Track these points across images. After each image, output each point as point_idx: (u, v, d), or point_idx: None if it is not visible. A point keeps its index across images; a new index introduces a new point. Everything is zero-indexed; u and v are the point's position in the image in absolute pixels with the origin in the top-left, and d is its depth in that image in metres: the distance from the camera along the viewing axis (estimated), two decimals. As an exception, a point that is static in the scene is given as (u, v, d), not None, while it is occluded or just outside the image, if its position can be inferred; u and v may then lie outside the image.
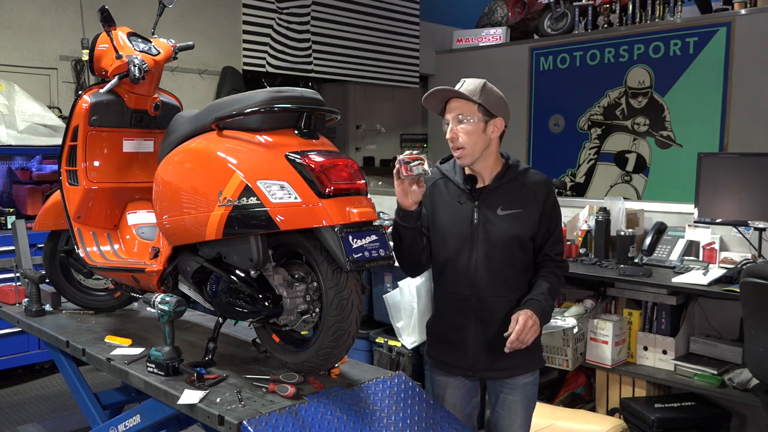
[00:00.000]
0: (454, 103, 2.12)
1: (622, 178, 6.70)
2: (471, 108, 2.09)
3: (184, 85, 5.93)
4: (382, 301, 3.71)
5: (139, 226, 2.59)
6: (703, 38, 5.99)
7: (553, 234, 2.19)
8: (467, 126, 2.10)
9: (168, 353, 2.08)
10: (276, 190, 1.79)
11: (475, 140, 2.10)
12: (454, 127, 2.11)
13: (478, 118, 2.10)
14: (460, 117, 2.10)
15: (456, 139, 2.11)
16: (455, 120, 2.11)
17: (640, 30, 6.35)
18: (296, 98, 1.92)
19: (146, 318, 2.82)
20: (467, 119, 2.09)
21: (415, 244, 2.15)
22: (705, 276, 3.11)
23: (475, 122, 2.10)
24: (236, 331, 2.54)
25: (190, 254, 2.15)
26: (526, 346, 2.05)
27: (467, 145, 2.10)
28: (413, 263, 2.23)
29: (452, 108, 2.12)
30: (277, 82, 6.44)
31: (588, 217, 3.76)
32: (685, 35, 6.09)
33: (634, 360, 3.37)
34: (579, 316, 3.37)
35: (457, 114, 2.10)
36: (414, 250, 2.17)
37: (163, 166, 2.18)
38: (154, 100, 2.56)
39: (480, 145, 2.11)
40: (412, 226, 2.10)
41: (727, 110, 5.90)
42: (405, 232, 2.12)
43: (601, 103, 6.74)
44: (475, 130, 2.10)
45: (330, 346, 1.89)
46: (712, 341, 3.29)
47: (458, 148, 2.11)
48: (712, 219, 3.32)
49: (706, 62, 5.97)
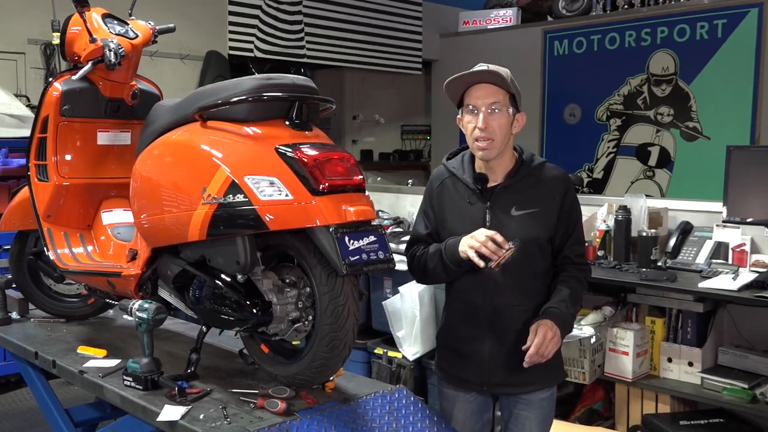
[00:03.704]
0: (485, 89, 2.08)
1: (644, 174, 6.70)
2: (505, 96, 2.08)
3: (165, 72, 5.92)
4: (381, 308, 3.72)
5: (115, 226, 2.58)
6: (732, 20, 5.99)
7: (573, 234, 2.18)
8: (500, 116, 2.08)
9: (146, 365, 2.08)
10: (265, 186, 1.79)
11: (504, 133, 2.09)
12: (487, 115, 2.08)
13: (511, 109, 2.09)
14: (494, 106, 2.07)
15: (488, 128, 2.07)
16: (487, 108, 2.07)
17: (663, 11, 6.35)
18: (287, 86, 1.92)
19: (123, 327, 2.81)
20: (502, 109, 2.08)
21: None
22: (735, 281, 3.11)
23: (509, 114, 2.09)
24: (221, 341, 2.54)
25: (171, 257, 2.15)
26: (546, 360, 2.06)
27: (497, 137, 2.08)
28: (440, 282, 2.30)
29: (483, 93, 2.08)
30: (266, 68, 6.43)
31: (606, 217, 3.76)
32: (713, 17, 6.09)
33: (657, 373, 3.37)
34: (597, 325, 3.38)
35: (493, 102, 2.07)
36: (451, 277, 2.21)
37: (142, 160, 2.18)
38: (131, 87, 2.56)
39: (506, 139, 2.11)
40: (465, 269, 2.11)
41: (758, 99, 5.89)
42: (454, 273, 2.14)
43: (621, 91, 6.73)
44: (506, 123, 2.09)
45: (324, 358, 1.89)
46: (742, 352, 3.29)
47: (488, 138, 2.08)
48: (742, 218, 3.31)
49: (735, 46, 5.97)
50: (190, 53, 6.07)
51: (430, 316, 3.50)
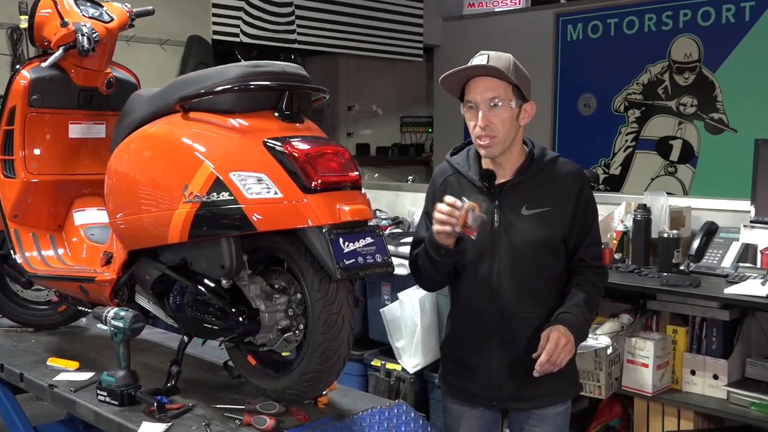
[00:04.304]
0: (483, 83, 2.09)
1: (665, 170, 6.71)
2: (506, 89, 2.08)
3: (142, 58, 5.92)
4: (378, 316, 3.72)
5: (89, 227, 2.59)
6: (761, 2, 5.99)
7: (589, 234, 2.19)
8: (502, 111, 2.08)
9: (122, 378, 2.08)
10: (252, 183, 1.80)
11: (509, 128, 2.10)
12: (487, 111, 2.08)
13: (514, 102, 2.09)
14: (495, 100, 2.08)
15: (490, 126, 2.08)
16: (487, 104, 2.08)
17: (686, -8, 6.37)
18: (276, 74, 1.93)
19: (96, 336, 2.82)
20: (503, 102, 2.08)
21: (449, 274, 2.20)
22: (764, 286, 3.11)
23: (512, 107, 2.09)
24: (204, 353, 2.55)
25: (150, 260, 2.15)
26: (558, 369, 2.06)
27: (501, 133, 2.09)
28: (439, 285, 2.31)
29: (482, 88, 2.09)
30: (253, 54, 6.43)
31: (624, 216, 3.77)
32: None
33: (680, 386, 3.38)
34: (614, 334, 3.38)
35: (492, 96, 2.08)
36: (446, 277, 2.22)
37: (117, 155, 2.18)
38: (106, 75, 2.56)
39: (512, 133, 2.12)
40: (452, 260, 2.12)
41: (790, 88, 5.92)
42: (442, 266, 2.14)
43: (641, 79, 6.74)
44: (510, 116, 2.09)
45: (316, 370, 1.89)
46: (772, 364, 3.30)
47: (490, 136, 2.09)
48: (772, 218, 3.32)
49: (764, 31, 5.97)
50: (170, 38, 6.07)
51: (433, 324, 3.50)
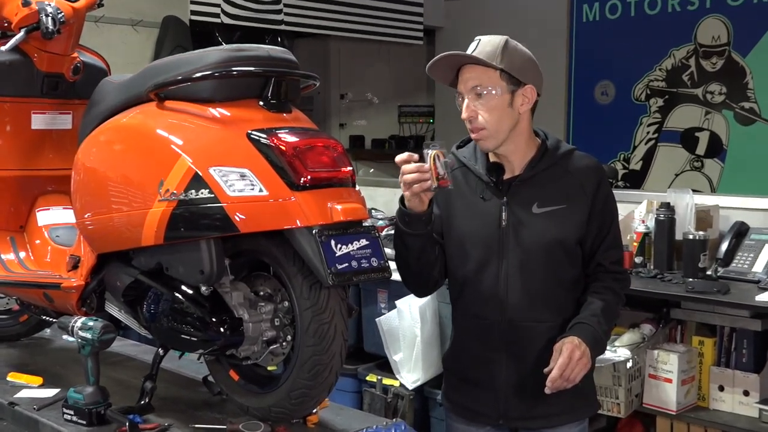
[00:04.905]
0: (468, 72, 2.12)
1: (690, 164, 6.73)
2: (491, 76, 2.10)
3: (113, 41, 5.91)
4: (374, 327, 3.72)
5: (53, 228, 2.59)
6: (797, -20, 6.03)
7: (608, 236, 2.19)
8: (488, 100, 2.10)
9: (91, 395, 2.07)
10: (235, 179, 1.80)
11: (498, 118, 2.11)
12: (471, 102, 2.11)
13: (502, 88, 2.10)
14: (478, 89, 2.10)
15: (474, 118, 2.11)
16: (472, 93, 2.11)
17: (714, -31, 6.39)
18: (261, 59, 1.93)
19: (62, 349, 2.82)
20: (487, 91, 2.10)
21: (425, 256, 2.16)
22: (799, 293, 3.12)
23: (498, 94, 2.10)
24: (182, 367, 2.55)
25: (121, 265, 2.15)
26: (572, 385, 2.06)
27: (489, 125, 2.10)
28: (423, 281, 2.25)
29: (466, 77, 2.12)
30: (235, 37, 6.43)
31: (646, 216, 3.77)
32: (774, -24, 6.12)
33: (707, 404, 3.38)
34: (634, 347, 3.39)
35: (474, 85, 2.10)
36: (425, 264, 2.18)
37: (86, 149, 2.18)
38: (72, 60, 2.56)
39: (506, 123, 2.12)
40: (422, 233, 2.10)
41: (828, 75, 5.94)
42: (412, 241, 2.12)
43: (664, 65, 6.76)
44: (499, 105, 2.10)
45: (306, 386, 1.89)
46: (808, 379, 3.31)
47: (477, 129, 2.11)
48: (808, 218, 3.33)
49: (801, 12, 6.01)
50: (143, 19, 6.06)
51: (434, 335, 3.51)
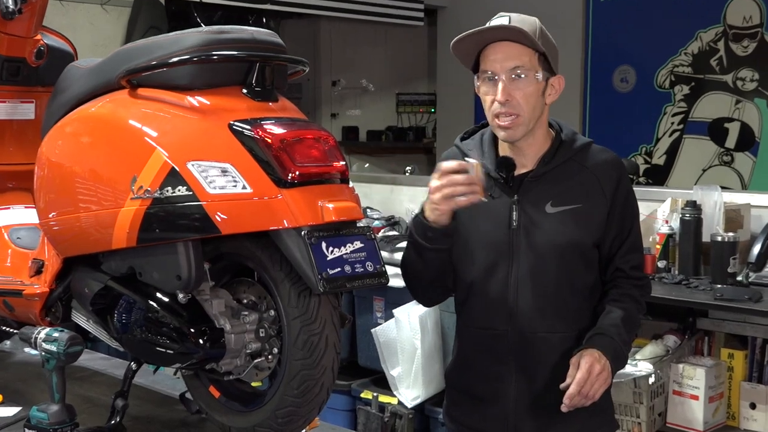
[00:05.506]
0: (504, 49, 2.08)
1: (719, 159, 6.73)
2: (532, 58, 2.08)
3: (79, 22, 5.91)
4: (369, 338, 3.72)
5: (14, 229, 2.58)
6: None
7: (628, 238, 2.19)
8: (527, 84, 2.08)
9: (56, 414, 2.07)
10: (215, 175, 1.79)
11: (533, 105, 2.10)
12: (508, 84, 2.08)
13: (542, 74, 2.10)
14: (519, 70, 2.08)
15: (511, 101, 2.07)
16: (509, 74, 2.08)
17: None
18: (244, 42, 1.92)
19: (24, 363, 2.83)
20: (528, 74, 2.08)
21: (444, 270, 2.17)
22: (839, 301, 3.13)
23: (539, 79, 2.09)
24: (157, 382, 2.56)
25: (90, 270, 2.14)
26: (591, 402, 2.05)
27: (524, 111, 2.09)
28: (437, 293, 2.28)
29: (502, 56, 2.08)
30: (215, 17, 6.42)
31: (670, 216, 3.78)
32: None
33: (737, 423, 3.39)
34: (657, 360, 3.39)
35: (515, 65, 2.07)
36: (442, 279, 2.20)
37: (50, 141, 2.18)
38: (35, 43, 2.56)
39: (537, 112, 2.12)
40: (445, 247, 2.10)
41: None
42: (432, 256, 2.11)
43: (690, 49, 6.76)
44: (535, 92, 2.09)
45: (294, 404, 1.89)
46: None
47: (511, 114, 2.09)
48: None
49: (840, -10, 6.02)
50: (114, -3, 6.06)
51: (435, 347, 3.51)
